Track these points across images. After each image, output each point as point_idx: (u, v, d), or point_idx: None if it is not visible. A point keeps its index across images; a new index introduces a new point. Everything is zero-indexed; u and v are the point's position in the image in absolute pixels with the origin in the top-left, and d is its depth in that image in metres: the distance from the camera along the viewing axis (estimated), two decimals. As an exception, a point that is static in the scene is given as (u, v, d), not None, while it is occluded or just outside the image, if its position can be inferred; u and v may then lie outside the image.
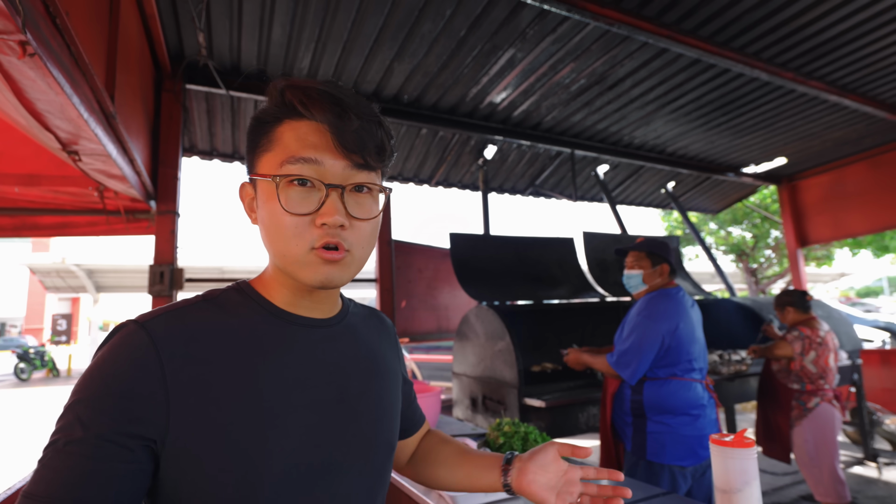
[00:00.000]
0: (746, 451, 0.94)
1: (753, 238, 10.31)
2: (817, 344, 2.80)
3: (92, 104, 1.55)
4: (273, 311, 0.61)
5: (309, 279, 0.57)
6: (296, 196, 0.56)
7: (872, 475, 3.84)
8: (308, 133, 0.57)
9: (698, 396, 1.98)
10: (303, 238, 0.56)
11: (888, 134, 4.71)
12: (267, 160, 0.59)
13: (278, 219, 0.56)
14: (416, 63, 3.08)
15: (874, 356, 5.26)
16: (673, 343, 1.97)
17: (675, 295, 2.08)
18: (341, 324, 0.67)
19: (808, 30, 2.90)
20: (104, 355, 0.52)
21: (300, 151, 0.56)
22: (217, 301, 0.59)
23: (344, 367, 0.63)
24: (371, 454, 0.63)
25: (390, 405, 0.70)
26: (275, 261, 0.60)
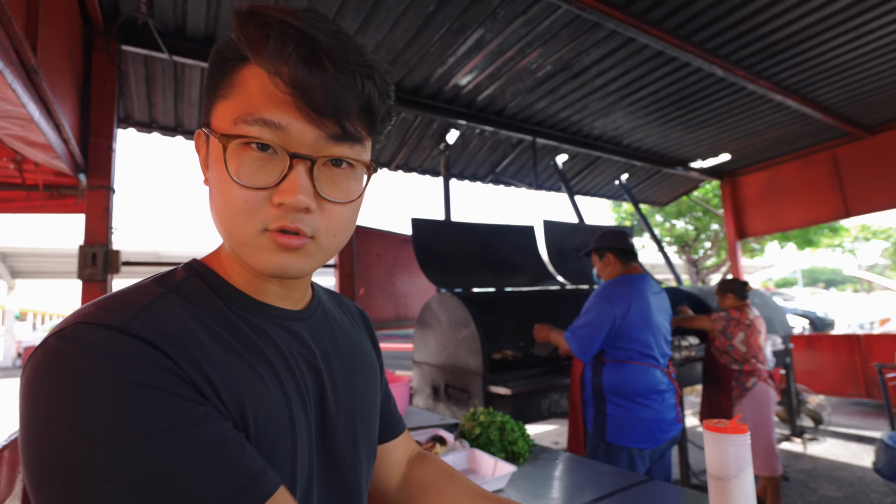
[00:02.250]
0: (742, 438, 0.93)
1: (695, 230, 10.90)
2: (745, 325, 3.00)
3: (9, 53, 1.32)
4: (246, 303, 0.50)
5: (259, 266, 0.46)
6: (250, 163, 0.43)
7: (799, 450, 4.17)
8: (272, 85, 0.43)
9: (657, 381, 2.03)
10: (254, 217, 0.44)
11: (820, 135, 5.06)
12: (222, 110, 0.45)
13: (225, 189, 0.44)
14: (381, 38, 2.93)
15: (801, 341, 5.71)
16: (624, 325, 2.03)
17: (634, 280, 2.13)
18: (315, 315, 0.58)
19: (761, 29, 3.01)
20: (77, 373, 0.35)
21: (261, 109, 0.43)
22: (181, 291, 0.47)
23: (326, 361, 0.55)
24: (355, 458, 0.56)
25: (372, 404, 0.62)
26: (224, 239, 0.49)
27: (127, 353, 0.37)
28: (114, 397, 0.35)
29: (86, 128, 2.45)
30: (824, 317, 10.67)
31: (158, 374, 0.38)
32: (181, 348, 0.41)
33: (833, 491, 3.30)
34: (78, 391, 0.35)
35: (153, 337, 0.39)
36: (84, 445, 0.33)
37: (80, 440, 0.34)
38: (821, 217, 5.52)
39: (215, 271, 0.51)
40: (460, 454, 1.33)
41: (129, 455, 0.34)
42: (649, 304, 2.08)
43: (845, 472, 3.63)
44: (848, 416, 5.25)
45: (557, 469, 1.34)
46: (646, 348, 2.04)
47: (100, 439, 0.34)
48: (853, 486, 3.35)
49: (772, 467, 2.97)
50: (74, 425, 0.34)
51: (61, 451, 0.34)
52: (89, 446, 0.33)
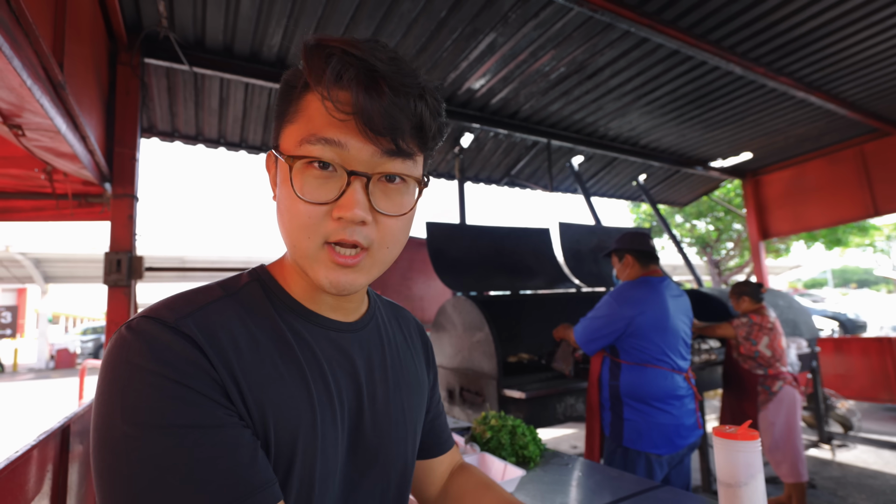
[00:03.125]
0: (752, 444, 0.92)
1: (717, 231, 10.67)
2: (768, 329, 2.92)
3: (37, 71, 1.38)
4: (298, 311, 0.54)
5: (316, 280, 0.50)
6: (313, 181, 0.48)
7: (827, 457, 4.03)
8: (335, 107, 0.47)
9: (676, 386, 1.99)
10: (316, 231, 0.48)
11: (846, 131, 4.91)
12: (289, 134, 0.50)
13: (291, 205, 0.49)
14: (394, 44, 2.97)
15: (828, 344, 5.54)
16: (638, 327, 2.00)
17: (652, 282, 2.10)
18: (366, 328, 0.60)
19: (780, 25, 2.95)
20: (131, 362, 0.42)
21: (323, 130, 0.47)
22: (239, 296, 0.52)
23: (371, 374, 0.58)
24: (392, 473, 0.58)
25: (414, 421, 0.63)
26: (287, 250, 0.53)
27: (171, 349, 0.43)
28: (155, 388, 0.41)
29: (111, 138, 2.54)
30: (855, 318, 10.30)
31: (194, 372, 0.43)
32: (219, 350, 0.45)
33: (863, 500, 3.18)
34: (129, 378, 0.41)
35: (198, 336, 0.44)
36: (124, 425, 0.40)
37: (121, 420, 0.40)
38: (848, 216, 5.34)
39: (276, 279, 0.55)
40: (471, 458, 1.34)
41: (153, 441, 0.39)
42: (667, 307, 2.04)
43: (877, 480, 3.51)
44: (880, 423, 5.06)
45: (568, 474, 1.33)
46: (662, 351, 2.00)
47: (137, 422, 0.40)
48: (885, 496, 3.23)
49: (798, 473, 2.88)
50: (120, 406, 0.41)
51: (109, 424, 0.41)
52: (128, 427, 0.40)
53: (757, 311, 3.02)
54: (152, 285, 15.21)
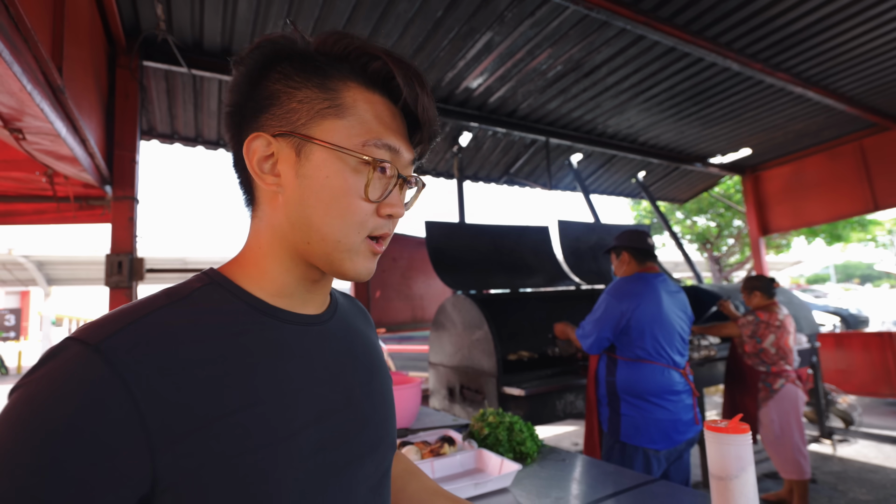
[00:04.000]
0: (742, 437, 0.93)
1: (717, 227, 10.66)
2: (775, 327, 2.90)
3: (36, 75, 1.40)
4: (263, 309, 0.50)
5: (353, 270, 0.52)
6: (374, 182, 0.51)
7: (828, 452, 4.04)
8: (385, 113, 0.52)
9: (672, 381, 2.00)
10: (365, 226, 0.51)
11: (845, 126, 4.91)
12: (336, 128, 0.49)
13: (349, 202, 0.49)
14: (391, 44, 2.98)
15: (829, 339, 5.54)
16: (634, 322, 2.01)
17: (648, 278, 2.11)
18: (333, 318, 0.59)
19: (777, 21, 2.95)
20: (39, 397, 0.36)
21: (385, 135, 0.50)
22: (189, 300, 0.47)
23: (345, 367, 0.56)
24: (381, 459, 0.58)
25: (391, 403, 0.64)
26: (310, 244, 0.50)
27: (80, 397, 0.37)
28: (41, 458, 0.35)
29: (110, 141, 2.56)
30: (857, 314, 10.28)
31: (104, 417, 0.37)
32: (151, 372, 0.40)
33: (864, 494, 3.19)
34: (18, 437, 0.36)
35: (124, 363, 0.39)
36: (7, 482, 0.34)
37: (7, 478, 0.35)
38: (848, 211, 5.34)
39: (233, 280, 0.52)
40: (468, 454, 1.35)
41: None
42: (662, 303, 2.05)
43: (877, 474, 3.51)
44: (881, 417, 5.07)
45: (565, 469, 1.35)
46: (659, 347, 2.02)
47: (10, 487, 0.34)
48: (885, 490, 3.23)
49: (799, 470, 2.89)
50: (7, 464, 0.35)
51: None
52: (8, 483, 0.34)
53: (766, 307, 3.00)
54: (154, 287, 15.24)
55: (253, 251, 0.53)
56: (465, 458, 1.34)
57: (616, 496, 1.13)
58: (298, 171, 0.49)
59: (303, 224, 0.50)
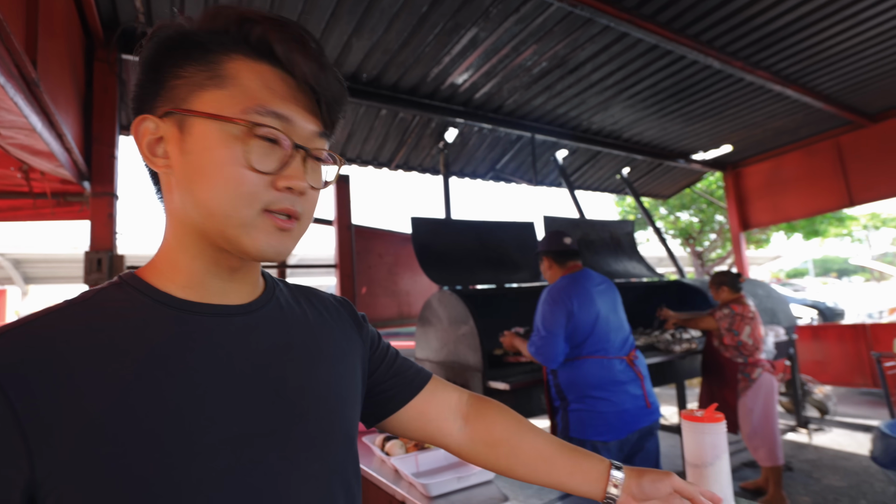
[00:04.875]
0: (717, 426, 0.96)
1: (700, 222, 10.84)
2: (749, 319, 2.99)
3: (10, 68, 1.37)
4: (171, 304, 0.49)
5: (255, 248, 0.48)
6: (258, 150, 0.47)
7: (804, 441, 4.16)
8: (274, 82, 0.48)
9: (613, 373, 2.01)
10: (257, 199, 0.47)
11: (822, 124, 5.03)
12: (216, 98, 0.47)
13: (231, 172, 0.46)
14: (376, 40, 2.96)
15: (806, 332, 5.68)
16: (578, 319, 2.04)
17: (575, 277, 2.13)
18: (266, 307, 0.56)
19: (757, 20, 3.01)
20: None
21: (271, 103, 0.48)
22: (90, 302, 0.47)
23: (276, 356, 0.53)
24: (327, 453, 0.54)
25: (346, 393, 0.60)
26: (204, 223, 0.48)
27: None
28: None
29: (88, 136, 2.51)
30: (834, 307, 10.56)
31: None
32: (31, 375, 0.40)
33: (837, 480, 3.29)
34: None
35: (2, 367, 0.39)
36: None
37: None
38: (825, 206, 5.48)
39: (144, 279, 0.51)
40: (453, 447, 1.37)
41: None
42: (592, 298, 2.07)
43: (850, 461, 3.63)
44: (854, 406, 5.23)
45: (548, 461, 1.37)
46: (593, 342, 2.04)
47: None
48: (857, 476, 3.34)
49: (775, 457, 2.97)
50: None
51: None
52: None
53: (737, 300, 3.09)
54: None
55: (164, 245, 0.53)
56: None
57: (597, 486, 1.15)
58: (183, 148, 0.48)
59: (193, 202, 0.48)
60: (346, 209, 3.41)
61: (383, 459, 1.38)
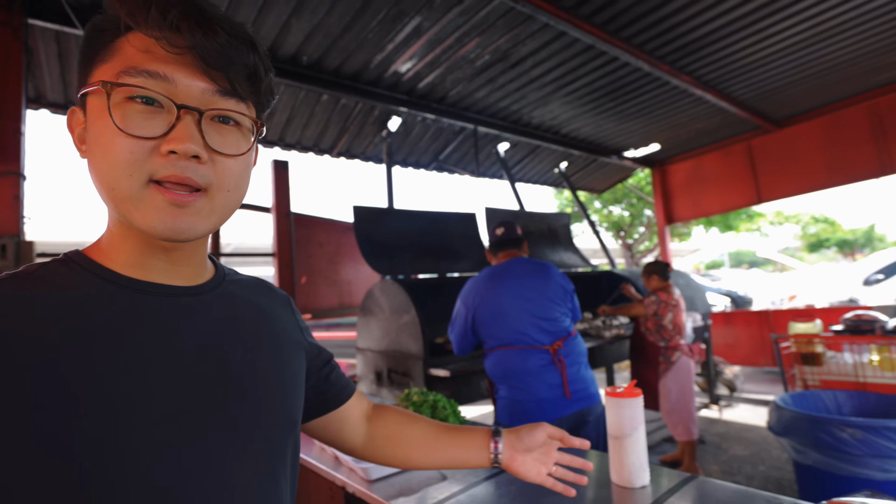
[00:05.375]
0: (635, 401, 1.05)
1: (630, 216, 11.51)
2: (672, 306, 3.26)
3: None
4: (114, 280, 0.48)
5: (148, 225, 0.45)
6: (135, 115, 0.44)
7: (715, 416, 4.58)
8: (156, 48, 0.45)
9: (529, 363, 1.99)
10: (140, 168, 0.44)
11: (736, 127, 5.49)
12: (99, 72, 0.46)
13: (107, 140, 0.44)
14: (317, 22, 2.88)
15: (719, 318, 6.22)
16: (479, 314, 2.05)
17: (495, 269, 2.14)
18: (214, 292, 0.55)
19: (683, 27, 3.22)
20: None
21: (144, 63, 0.45)
22: (33, 276, 0.45)
23: (222, 338, 0.52)
24: (271, 434, 0.54)
25: (290, 378, 0.60)
26: (105, 201, 0.48)
27: None
28: None
29: (-12, 108, 2.26)
30: (744, 295, 11.65)
31: None
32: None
33: (741, 450, 3.67)
34: None
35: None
36: None
37: None
38: (738, 203, 6.00)
39: (89, 257, 0.50)
40: (393, 432, 1.39)
41: None
42: (501, 291, 2.05)
43: (752, 433, 4.05)
44: (758, 384, 5.82)
45: (484, 441, 1.43)
46: (506, 333, 2.03)
47: None
48: (758, 445, 3.74)
49: (689, 432, 3.26)
50: None
51: None
52: None
53: (664, 288, 3.34)
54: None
55: (107, 227, 0.52)
56: (390, 437, 1.38)
57: (529, 462, 1.22)
58: (88, 130, 0.48)
59: (94, 182, 0.48)
60: (285, 196, 3.31)
61: (323, 447, 1.38)
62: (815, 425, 2.05)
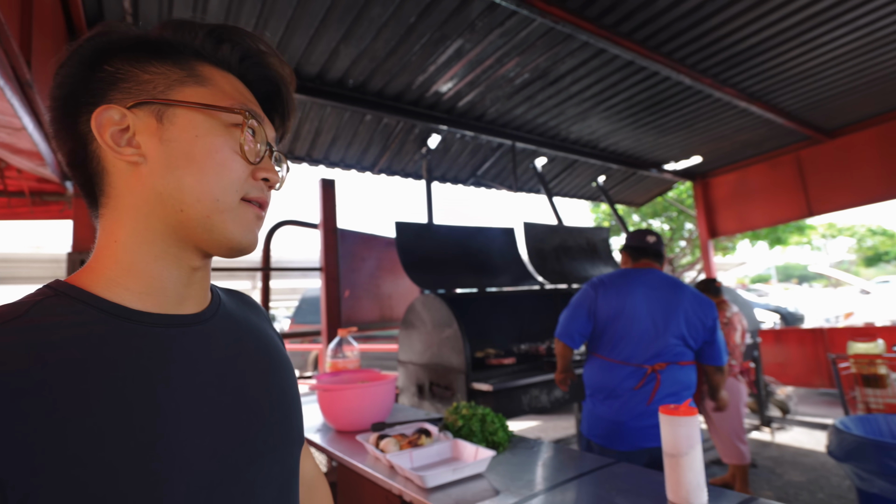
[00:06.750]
0: (691, 419, 1.06)
1: (671, 230, 11.22)
2: (723, 324, 3.15)
3: (7, 70, 1.37)
4: (124, 315, 0.45)
5: (239, 235, 0.51)
6: (247, 142, 0.52)
7: (767, 439, 4.38)
8: (243, 89, 0.54)
9: (617, 378, 1.92)
10: (241, 185, 0.51)
11: (784, 138, 5.31)
12: (199, 93, 0.50)
13: (223, 157, 0.49)
14: (364, 47, 3.01)
15: (769, 335, 5.96)
16: (602, 303, 2.01)
17: (631, 273, 2.08)
18: (217, 315, 0.55)
19: (726, 40, 3.19)
20: None
21: (248, 103, 0.53)
22: (26, 318, 0.40)
23: (235, 364, 0.53)
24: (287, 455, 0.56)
25: (295, 395, 0.62)
26: (188, 210, 0.48)
27: None
28: None
29: (71, 136, 2.47)
30: (795, 311, 11.07)
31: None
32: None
33: (797, 476, 3.49)
34: None
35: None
36: None
37: None
38: (786, 216, 5.78)
39: (84, 288, 0.46)
40: (444, 444, 1.43)
41: None
42: (625, 295, 1.99)
43: (809, 457, 3.84)
44: (813, 406, 5.52)
45: (534, 456, 1.45)
46: (610, 341, 1.97)
47: None
48: (815, 471, 3.55)
49: (740, 455, 3.14)
50: None
51: None
52: None
53: (718, 305, 3.23)
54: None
55: (109, 249, 0.48)
56: (442, 448, 1.42)
57: (580, 477, 1.24)
58: (163, 137, 0.48)
59: (174, 189, 0.47)
60: (332, 212, 3.44)
61: (378, 456, 1.43)
62: (882, 451, 1.95)
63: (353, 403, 1.75)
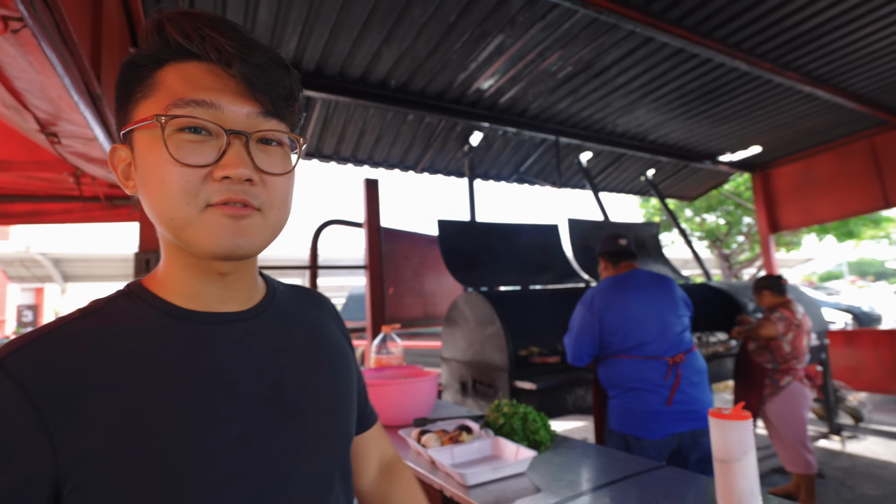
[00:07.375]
0: (743, 424, 1.00)
1: (727, 224, 10.64)
2: (794, 325, 2.94)
3: (80, 86, 1.49)
4: (173, 312, 0.50)
5: (209, 245, 0.47)
6: (187, 145, 0.46)
7: (837, 448, 4.07)
8: (198, 74, 0.48)
9: (645, 372, 2.02)
10: (196, 195, 0.46)
11: (855, 124, 4.91)
12: (144, 108, 0.48)
13: (162, 172, 0.46)
14: (405, 48, 3.05)
15: (839, 337, 5.54)
16: (605, 323, 2.09)
17: (619, 279, 2.19)
18: (266, 313, 0.57)
19: (786, 22, 2.98)
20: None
21: (190, 93, 0.47)
22: (101, 312, 0.49)
23: (277, 359, 0.55)
24: (326, 451, 0.56)
25: (344, 392, 0.62)
26: (163, 231, 0.50)
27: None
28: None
29: (137, 144, 2.66)
30: (870, 311, 10.19)
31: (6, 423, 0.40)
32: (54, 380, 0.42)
33: (871, 489, 3.23)
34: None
35: (25, 374, 0.41)
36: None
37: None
38: (859, 208, 5.34)
39: (148, 288, 0.52)
40: (485, 441, 1.43)
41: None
42: (627, 300, 2.10)
43: (885, 470, 3.54)
44: (890, 414, 5.08)
45: (577, 456, 1.42)
46: (627, 342, 2.06)
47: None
48: (893, 485, 3.27)
49: (806, 464, 2.93)
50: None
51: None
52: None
53: (785, 304, 3.02)
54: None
55: (162, 258, 0.54)
56: (483, 446, 1.42)
57: (625, 480, 1.20)
58: (136, 165, 0.49)
59: (150, 215, 0.50)
60: (376, 212, 3.51)
61: (419, 451, 1.45)
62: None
63: (396, 399, 1.78)
